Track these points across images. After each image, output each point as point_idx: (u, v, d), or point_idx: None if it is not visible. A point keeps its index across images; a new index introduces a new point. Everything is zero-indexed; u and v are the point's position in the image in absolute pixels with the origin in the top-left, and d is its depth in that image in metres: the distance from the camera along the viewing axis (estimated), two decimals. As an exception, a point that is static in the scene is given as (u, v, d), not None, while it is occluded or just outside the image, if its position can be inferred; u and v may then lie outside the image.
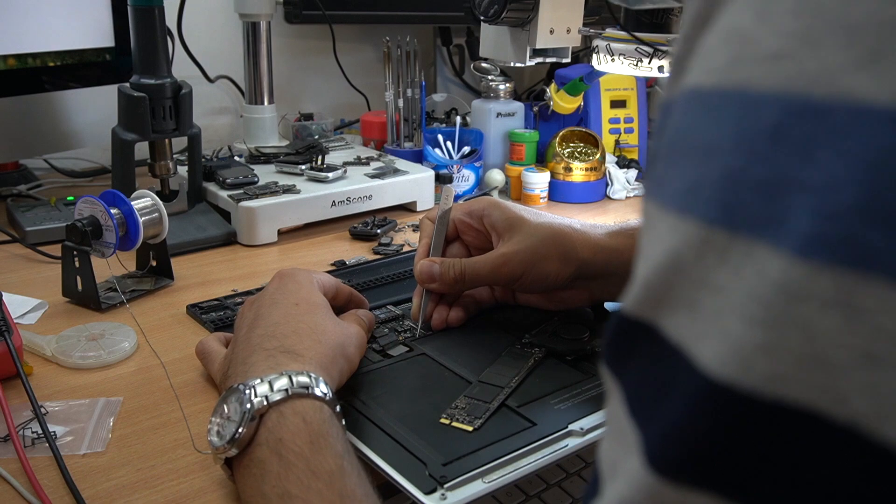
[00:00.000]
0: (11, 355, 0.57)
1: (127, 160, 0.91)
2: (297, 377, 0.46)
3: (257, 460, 0.44)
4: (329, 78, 1.43)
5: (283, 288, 0.57)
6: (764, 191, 0.19)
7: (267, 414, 0.45)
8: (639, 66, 0.84)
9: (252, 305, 0.57)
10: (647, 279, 0.22)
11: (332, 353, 0.52)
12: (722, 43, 0.21)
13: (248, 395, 0.45)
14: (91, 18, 1.05)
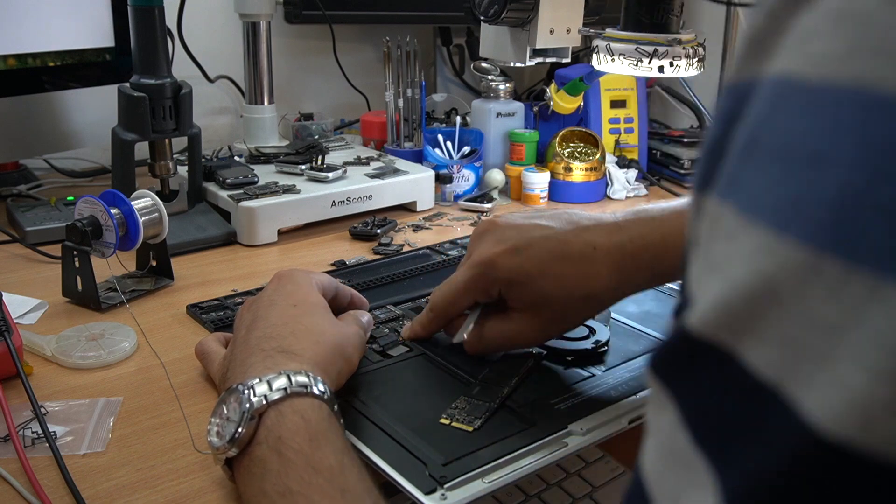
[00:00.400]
0: (11, 355, 0.57)
1: (127, 160, 0.91)
2: (296, 376, 0.46)
3: (257, 459, 0.44)
4: (329, 78, 1.43)
5: (282, 289, 0.57)
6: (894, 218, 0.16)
7: (266, 413, 0.45)
8: (639, 66, 0.84)
9: (251, 307, 0.57)
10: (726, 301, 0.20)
11: (330, 353, 0.52)
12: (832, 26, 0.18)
13: (246, 395, 0.45)
14: (91, 18, 1.05)
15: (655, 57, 0.83)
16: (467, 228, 1.01)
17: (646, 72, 0.84)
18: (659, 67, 0.84)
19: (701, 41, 0.86)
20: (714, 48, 1.47)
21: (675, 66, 0.84)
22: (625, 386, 0.57)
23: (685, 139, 1.29)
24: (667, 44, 0.83)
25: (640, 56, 0.84)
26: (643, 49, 0.83)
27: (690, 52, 0.84)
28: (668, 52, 0.83)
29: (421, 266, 0.84)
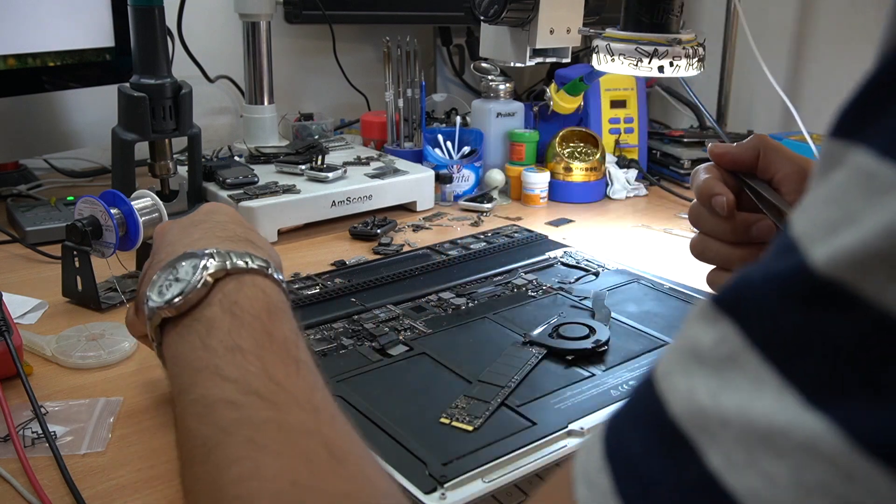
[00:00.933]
0: (11, 355, 0.57)
1: (127, 160, 0.91)
2: (256, 258, 0.44)
3: (204, 319, 0.41)
4: (329, 78, 1.43)
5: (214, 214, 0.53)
6: None
7: (223, 280, 0.42)
8: (639, 66, 0.84)
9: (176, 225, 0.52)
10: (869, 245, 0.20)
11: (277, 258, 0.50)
12: None
13: (205, 260, 0.42)
14: (91, 18, 1.05)
15: (655, 57, 0.83)
16: (467, 228, 1.01)
17: (646, 72, 0.84)
18: (659, 67, 0.84)
19: (701, 41, 0.86)
20: (714, 48, 1.47)
21: (675, 66, 0.84)
22: (625, 386, 0.57)
23: (685, 139, 1.29)
24: (667, 44, 0.83)
25: (640, 56, 0.84)
26: (643, 49, 0.83)
27: (690, 52, 0.84)
28: (668, 52, 0.83)
29: (421, 266, 0.84)
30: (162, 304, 0.42)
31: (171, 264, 0.43)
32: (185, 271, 0.42)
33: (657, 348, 0.63)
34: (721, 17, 1.49)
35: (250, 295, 0.42)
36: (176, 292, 0.41)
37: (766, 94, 1.50)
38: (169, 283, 0.42)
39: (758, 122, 1.54)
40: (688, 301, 0.73)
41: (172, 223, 0.53)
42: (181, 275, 0.42)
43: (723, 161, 0.60)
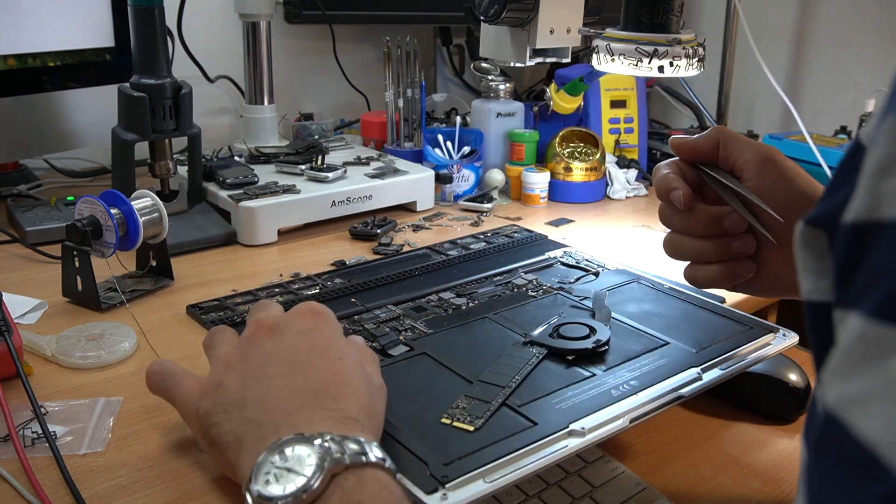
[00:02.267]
0: (11, 355, 0.56)
1: (127, 160, 0.91)
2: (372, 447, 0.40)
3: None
4: (329, 78, 1.43)
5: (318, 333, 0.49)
6: None
7: (342, 474, 0.39)
8: (639, 66, 0.84)
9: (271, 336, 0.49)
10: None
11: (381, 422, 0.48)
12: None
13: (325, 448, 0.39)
14: (91, 18, 1.05)
15: (655, 57, 0.83)
16: (467, 228, 1.01)
17: (646, 72, 0.84)
18: (659, 67, 0.84)
19: (701, 41, 0.86)
20: (714, 48, 1.47)
21: (675, 66, 0.84)
22: (625, 386, 0.57)
23: (685, 139, 1.29)
24: (667, 44, 0.83)
25: (640, 56, 0.83)
26: (643, 49, 0.83)
27: (690, 52, 0.84)
28: (668, 52, 0.83)
29: (421, 266, 0.84)
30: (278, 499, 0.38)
31: (277, 448, 0.39)
32: (298, 460, 0.38)
33: (657, 348, 0.63)
34: (721, 17, 1.49)
35: (374, 494, 0.38)
36: (294, 489, 0.38)
37: (766, 94, 1.50)
38: (279, 473, 0.38)
39: (758, 122, 1.54)
40: (688, 301, 0.73)
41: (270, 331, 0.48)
42: (292, 464, 0.38)
43: (683, 152, 0.60)
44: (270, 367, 0.46)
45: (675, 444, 0.61)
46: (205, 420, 0.46)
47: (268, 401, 0.44)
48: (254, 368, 0.47)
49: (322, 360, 0.47)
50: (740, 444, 0.61)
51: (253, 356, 0.48)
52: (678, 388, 0.57)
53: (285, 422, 0.42)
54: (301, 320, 0.50)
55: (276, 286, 0.79)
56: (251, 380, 0.46)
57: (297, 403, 0.44)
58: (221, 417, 0.45)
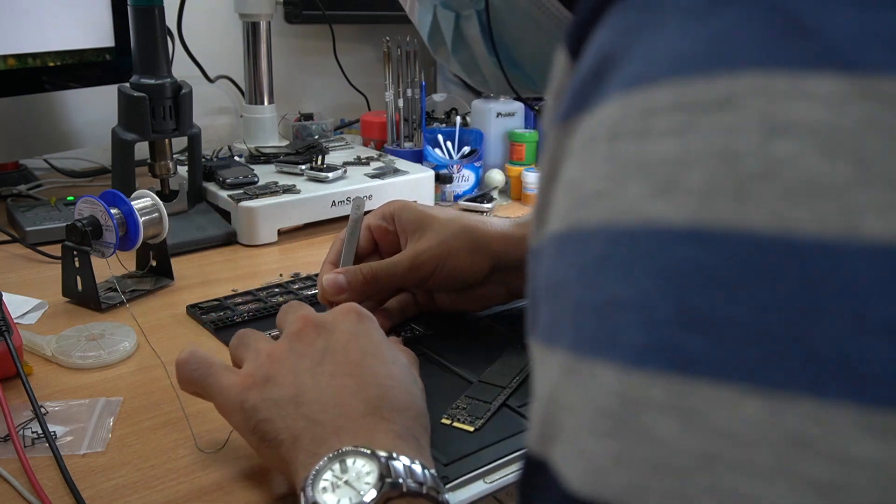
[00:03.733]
0: (11, 355, 0.56)
1: (127, 160, 0.91)
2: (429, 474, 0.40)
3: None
4: (329, 78, 1.43)
5: (367, 336, 0.49)
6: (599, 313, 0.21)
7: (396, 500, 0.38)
8: (639, 65, 0.84)
9: (321, 333, 0.48)
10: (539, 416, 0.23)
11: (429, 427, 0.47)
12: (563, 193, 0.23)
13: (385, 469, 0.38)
14: (91, 18, 1.05)
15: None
16: (467, 228, 1.01)
17: (646, 72, 0.84)
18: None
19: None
20: (714, 48, 1.47)
21: (676, 65, 0.84)
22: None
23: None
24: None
25: (641, 56, 0.84)
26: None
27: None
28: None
29: (421, 266, 0.84)
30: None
31: (339, 458, 0.39)
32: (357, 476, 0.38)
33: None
34: (721, 17, 1.49)
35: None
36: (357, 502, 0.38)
37: (766, 95, 1.50)
38: (337, 483, 0.38)
39: (758, 122, 1.54)
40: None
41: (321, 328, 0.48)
42: (351, 478, 0.38)
43: None
44: (326, 365, 0.45)
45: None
46: (253, 415, 0.44)
47: (327, 400, 0.43)
48: (308, 364, 0.45)
49: (377, 363, 0.46)
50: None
51: (304, 352, 0.46)
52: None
53: (347, 426, 0.42)
54: (348, 321, 0.49)
55: (275, 286, 0.79)
56: (306, 375, 0.45)
57: (358, 409, 0.43)
58: (274, 413, 0.43)
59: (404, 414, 0.44)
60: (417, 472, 0.39)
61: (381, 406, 0.43)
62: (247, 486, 0.49)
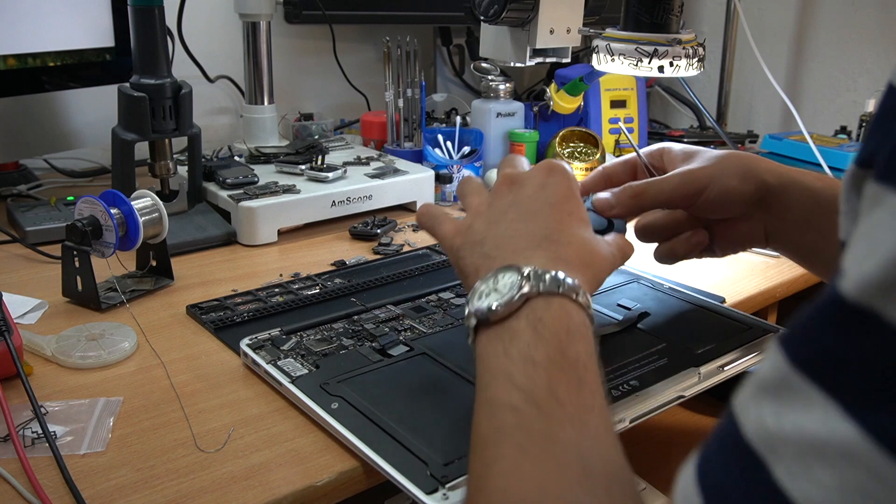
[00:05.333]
0: (11, 355, 0.56)
1: (127, 160, 0.91)
2: (571, 282, 0.47)
3: (510, 329, 0.45)
4: (329, 78, 1.43)
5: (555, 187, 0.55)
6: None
7: (535, 298, 0.46)
8: (639, 66, 0.84)
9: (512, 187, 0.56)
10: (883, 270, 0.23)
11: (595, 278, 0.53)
12: None
13: (526, 276, 0.46)
14: (91, 18, 1.05)
15: (655, 57, 0.83)
16: (467, 228, 1.01)
17: (646, 72, 0.84)
18: (659, 67, 0.84)
19: (701, 41, 0.86)
20: (714, 48, 1.47)
21: (675, 66, 0.84)
22: (625, 386, 0.57)
23: (685, 139, 1.29)
24: (667, 44, 0.83)
25: (640, 56, 0.83)
26: (643, 49, 0.83)
27: (690, 52, 0.84)
28: (668, 52, 0.83)
29: (421, 266, 0.84)
30: (479, 312, 0.46)
31: (494, 275, 0.48)
32: (504, 285, 0.47)
33: (657, 348, 0.63)
34: (721, 17, 1.49)
35: (554, 315, 0.45)
36: (493, 304, 0.46)
37: (766, 94, 1.50)
38: (489, 292, 0.47)
39: (758, 122, 1.54)
40: (688, 301, 0.73)
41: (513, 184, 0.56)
42: (500, 287, 0.47)
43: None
44: (509, 213, 0.54)
45: (675, 444, 0.61)
46: (456, 254, 0.55)
47: (501, 240, 0.52)
48: (496, 214, 0.55)
49: (552, 211, 0.53)
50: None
51: (497, 204, 0.56)
52: (678, 388, 0.57)
53: (510, 257, 0.50)
54: (540, 175, 0.56)
55: (276, 286, 0.79)
56: (493, 223, 0.54)
57: (523, 244, 0.51)
58: (466, 252, 0.54)
59: (563, 246, 0.51)
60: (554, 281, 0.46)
61: (542, 242, 0.51)
62: (247, 486, 0.49)
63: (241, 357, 0.63)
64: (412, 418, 0.53)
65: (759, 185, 0.61)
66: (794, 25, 1.46)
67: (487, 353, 0.45)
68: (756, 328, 0.66)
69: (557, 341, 0.43)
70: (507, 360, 0.43)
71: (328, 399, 0.55)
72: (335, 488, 0.51)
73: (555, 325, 0.44)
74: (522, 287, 0.46)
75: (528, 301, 0.46)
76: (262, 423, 0.56)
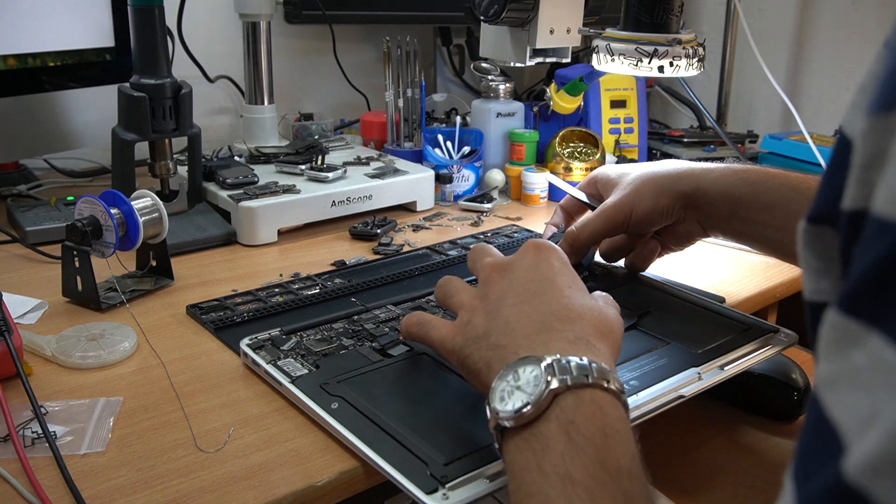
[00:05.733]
0: (11, 355, 0.56)
1: (127, 160, 0.91)
2: (598, 367, 0.44)
3: (540, 435, 0.42)
4: (329, 78, 1.43)
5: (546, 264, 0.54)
6: None
7: (563, 395, 0.42)
8: (639, 66, 0.84)
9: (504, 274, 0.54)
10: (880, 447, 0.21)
11: (615, 346, 0.51)
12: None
13: (549, 368, 0.43)
14: (91, 18, 1.05)
15: (655, 57, 0.83)
16: (467, 228, 1.01)
17: (646, 72, 0.84)
18: (659, 67, 0.84)
19: (701, 41, 0.86)
20: (714, 48, 1.47)
21: (675, 66, 0.84)
22: (625, 386, 0.57)
23: (685, 139, 1.29)
24: (667, 44, 0.83)
25: (640, 56, 0.83)
26: (643, 49, 0.83)
27: (690, 52, 0.84)
28: (668, 52, 0.83)
29: (421, 266, 0.84)
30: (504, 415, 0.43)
31: (513, 368, 0.45)
32: (526, 381, 0.44)
33: (657, 348, 0.63)
34: (721, 17, 1.49)
35: (587, 414, 0.42)
36: (518, 406, 0.43)
37: (766, 94, 1.50)
38: (511, 391, 0.44)
39: (758, 122, 1.54)
40: (688, 301, 0.73)
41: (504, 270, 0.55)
42: (522, 383, 0.44)
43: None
44: (508, 299, 0.52)
45: (675, 444, 0.61)
46: (460, 353, 0.52)
47: (507, 327, 0.50)
48: (494, 303, 0.52)
49: (552, 287, 0.52)
50: (740, 444, 0.61)
51: (492, 294, 0.53)
52: (678, 388, 0.57)
53: (524, 343, 0.48)
54: (529, 256, 0.55)
55: (276, 286, 0.79)
56: (492, 313, 0.52)
57: (533, 327, 0.49)
58: (472, 349, 0.51)
59: (577, 323, 0.49)
60: (580, 369, 0.43)
61: (552, 321, 0.49)
62: (247, 486, 0.49)
63: (241, 357, 0.63)
64: (412, 418, 0.53)
65: (676, 196, 0.71)
66: (794, 25, 1.46)
67: (519, 467, 0.42)
68: (756, 328, 0.66)
69: (594, 449, 0.40)
70: (542, 477, 0.40)
71: (328, 399, 0.55)
72: (335, 488, 0.51)
73: (589, 429, 0.41)
74: (550, 383, 0.42)
75: (557, 398, 0.42)
76: (262, 423, 0.56)
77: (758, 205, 0.67)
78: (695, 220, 0.72)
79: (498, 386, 0.45)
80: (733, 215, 0.69)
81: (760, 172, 0.69)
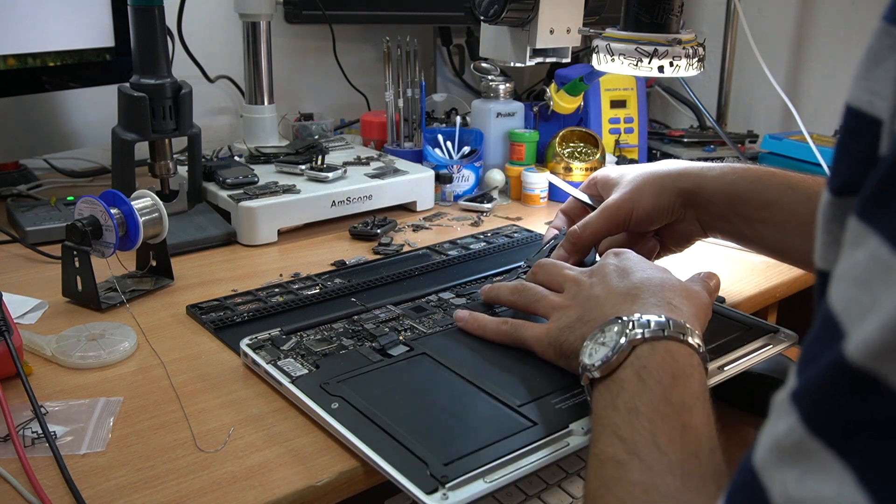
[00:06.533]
0: (11, 355, 0.56)
1: (127, 160, 0.91)
2: (675, 321, 0.49)
3: (618, 380, 0.47)
4: (329, 78, 1.43)
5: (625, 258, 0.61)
6: None
7: (640, 345, 0.48)
8: (639, 66, 0.84)
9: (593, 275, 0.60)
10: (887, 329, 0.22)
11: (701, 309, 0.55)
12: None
13: (627, 327, 0.49)
14: (91, 18, 1.05)
15: (655, 57, 0.83)
16: (467, 228, 1.01)
17: (646, 72, 0.84)
18: (659, 67, 0.84)
19: (701, 41, 0.86)
20: (714, 48, 1.47)
21: (675, 66, 0.84)
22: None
23: (685, 139, 1.29)
24: (667, 44, 0.83)
25: (640, 56, 0.83)
26: (643, 49, 0.83)
27: (690, 52, 0.84)
28: (668, 52, 0.83)
29: (421, 266, 0.84)
30: (591, 367, 0.49)
31: (600, 329, 0.51)
32: (610, 338, 0.50)
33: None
34: (721, 17, 1.49)
35: (659, 360, 0.47)
36: (601, 357, 0.49)
37: (766, 94, 1.50)
38: (597, 348, 0.50)
39: (758, 122, 1.54)
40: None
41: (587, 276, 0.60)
42: (606, 339, 0.50)
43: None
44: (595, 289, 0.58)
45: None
46: (556, 342, 0.58)
47: (597, 303, 0.56)
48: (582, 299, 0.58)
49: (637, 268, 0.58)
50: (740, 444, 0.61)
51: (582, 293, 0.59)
52: (678, 388, 0.57)
53: (611, 311, 0.53)
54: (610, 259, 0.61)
55: (276, 286, 0.79)
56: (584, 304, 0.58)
57: (620, 298, 0.55)
58: (566, 334, 0.57)
59: (661, 291, 0.54)
60: (658, 324, 0.49)
61: (638, 292, 0.55)
62: (247, 486, 0.49)
63: (241, 357, 0.63)
64: (412, 418, 0.53)
65: (677, 193, 0.71)
66: (794, 25, 1.46)
67: (599, 407, 0.47)
68: (756, 328, 0.66)
69: (661, 388, 0.45)
70: (614, 412, 0.45)
71: (328, 399, 0.55)
72: (335, 488, 0.51)
73: (659, 372, 0.46)
74: (629, 335, 0.48)
75: (635, 349, 0.48)
76: (262, 423, 0.56)
77: (757, 203, 0.67)
78: (694, 218, 0.73)
79: (587, 346, 0.51)
80: (733, 213, 0.69)
81: (760, 171, 0.69)
